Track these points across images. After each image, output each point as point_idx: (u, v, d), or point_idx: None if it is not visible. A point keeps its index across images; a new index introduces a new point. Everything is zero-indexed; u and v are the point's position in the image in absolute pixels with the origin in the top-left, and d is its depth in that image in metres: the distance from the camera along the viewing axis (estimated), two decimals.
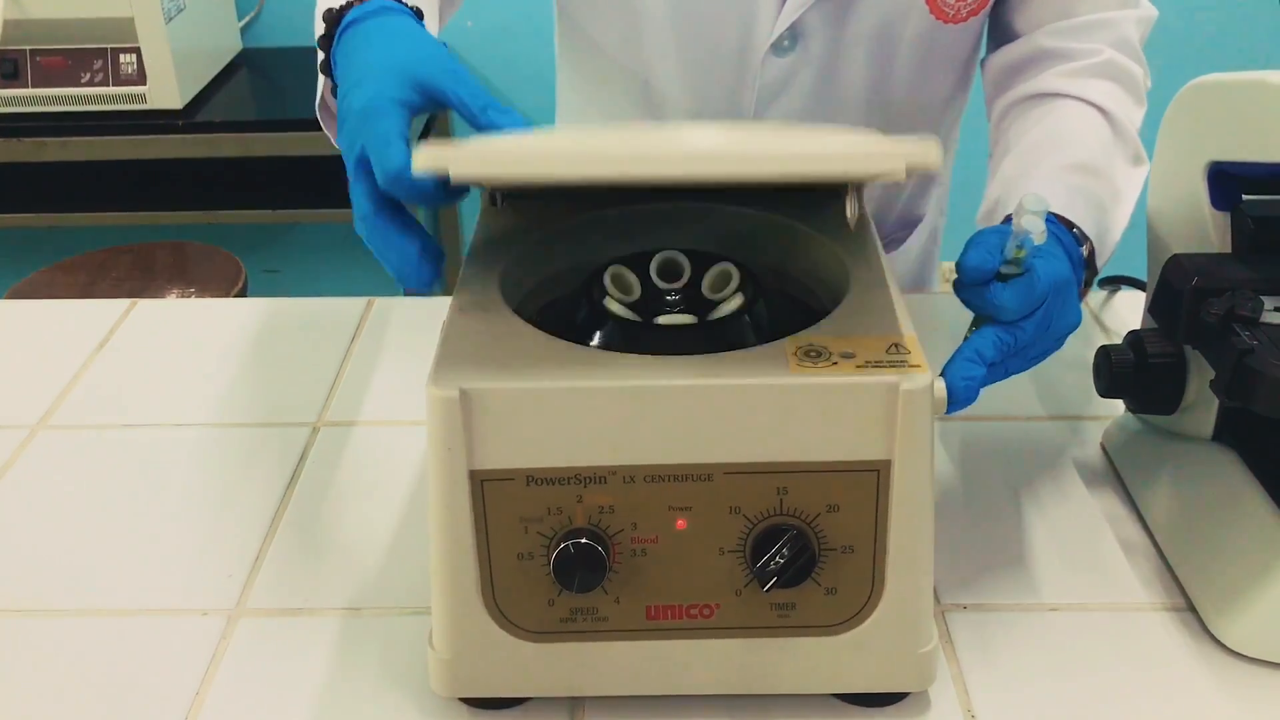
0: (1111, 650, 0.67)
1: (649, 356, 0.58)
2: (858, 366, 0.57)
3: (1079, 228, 0.74)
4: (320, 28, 0.72)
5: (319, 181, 2.02)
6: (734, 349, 0.60)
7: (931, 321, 0.99)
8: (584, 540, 0.57)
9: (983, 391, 0.62)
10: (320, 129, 0.81)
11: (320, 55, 0.73)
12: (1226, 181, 0.70)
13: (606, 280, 0.68)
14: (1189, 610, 0.69)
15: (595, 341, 0.64)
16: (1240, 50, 2.34)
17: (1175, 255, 0.69)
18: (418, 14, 0.72)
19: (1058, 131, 0.83)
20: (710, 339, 0.63)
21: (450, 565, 0.59)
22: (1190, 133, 0.71)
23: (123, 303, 1.06)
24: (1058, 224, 0.72)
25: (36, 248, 2.37)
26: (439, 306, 1.07)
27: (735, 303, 0.66)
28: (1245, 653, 0.66)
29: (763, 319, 0.66)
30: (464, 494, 0.58)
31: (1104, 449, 0.83)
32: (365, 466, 0.83)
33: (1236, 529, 0.68)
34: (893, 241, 1.10)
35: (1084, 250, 0.73)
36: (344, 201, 0.78)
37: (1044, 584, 0.72)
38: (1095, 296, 1.02)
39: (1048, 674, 0.65)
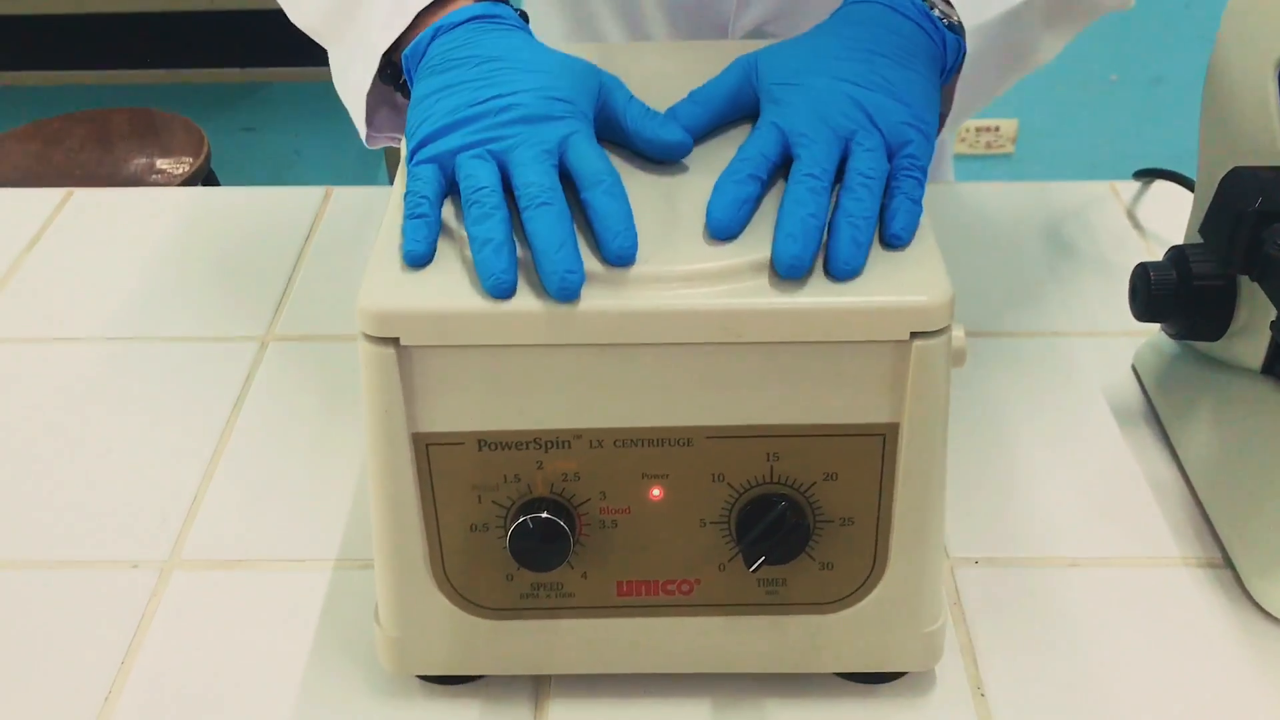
0: (1136, 613, 0.60)
1: None
2: None
3: None
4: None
5: (295, 36, 1.88)
6: None
7: (947, 222, 0.89)
8: (544, 515, 0.50)
9: (996, 305, 0.48)
10: None
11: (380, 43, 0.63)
12: None
13: None
14: (1226, 567, 0.62)
15: None
16: None
17: (1237, 168, 0.59)
18: (523, 17, 0.62)
19: None
20: None
21: (394, 537, 0.52)
22: (1259, 23, 0.61)
23: (58, 192, 0.97)
24: None
25: None
26: None
27: None
28: None
29: None
30: (406, 459, 0.51)
31: (1135, 372, 0.75)
32: (320, 390, 0.75)
33: None
34: None
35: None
36: (322, 59, 0.69)
37: (1064, 533, 0.65)
38: (1128, 189, 0.92)
39: (1065, 641, 0.59)
